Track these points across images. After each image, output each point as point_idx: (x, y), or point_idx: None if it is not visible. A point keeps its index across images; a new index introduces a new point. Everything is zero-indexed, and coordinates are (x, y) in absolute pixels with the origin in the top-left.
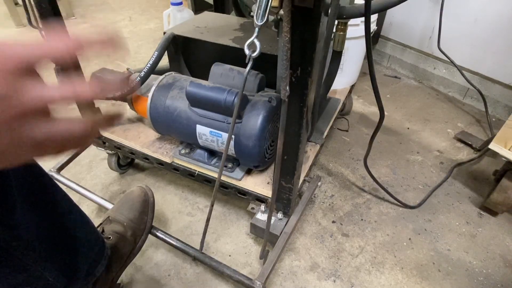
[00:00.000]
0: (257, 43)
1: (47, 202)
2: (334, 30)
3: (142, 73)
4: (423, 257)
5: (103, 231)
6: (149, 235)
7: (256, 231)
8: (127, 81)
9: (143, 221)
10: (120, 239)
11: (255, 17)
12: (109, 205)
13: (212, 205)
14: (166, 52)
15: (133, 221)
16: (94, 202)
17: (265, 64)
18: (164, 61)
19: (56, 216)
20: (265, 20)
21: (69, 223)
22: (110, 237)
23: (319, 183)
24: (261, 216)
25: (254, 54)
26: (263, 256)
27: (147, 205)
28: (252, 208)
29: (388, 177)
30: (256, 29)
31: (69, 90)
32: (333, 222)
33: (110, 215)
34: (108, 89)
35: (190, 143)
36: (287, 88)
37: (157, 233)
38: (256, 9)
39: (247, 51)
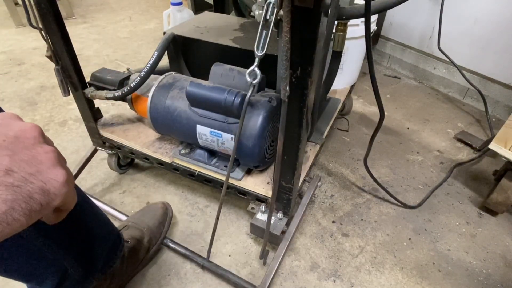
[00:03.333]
0: (258, 71)
1: None
2: (334, 30)
3: (142, 73)
4: (423, 257)
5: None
6: None
7: (256, 231)
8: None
9: (160, 231)
10: (138, 243)
11: (255, 47)
12: (108, 209)
13: (217, 218)
14: (166, 52)
15: (152, 229)
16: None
17: (265, 64)
18: (164, 61)
19: None
20: (264, 51)
21: (82, 215)
22: (128, 241)
23: (319, 183)
24: (261, 216)
25: (255, 82)
26: (263, 256)
27: (166, 218)
28: (252, 208)
29: (388, 177)
30: (257, 59)
31: None
32: (333, 222)
33: (129, 221)
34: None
35: (190, 143)
36: (287, 88)
37: (168, 243)
38: (256, 41)
39: (248, 79)
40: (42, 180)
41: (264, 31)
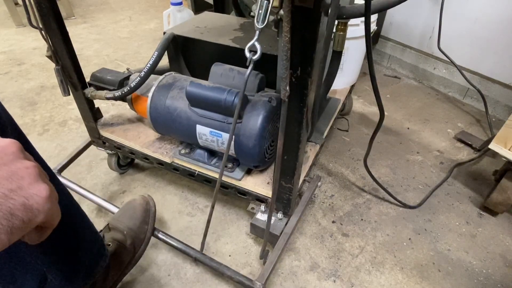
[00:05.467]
0: (258, 45)
1: None
2: (334, 30)
3: (142, 73)
4: (423, 257)
5: (103, 237)
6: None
7: (256, 231)
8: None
9: (143, 231)
10: (119, 247)
11: (255, 20)
12: (110, 206)
13: (212, 207)
14: (166, 52)
15: (133, 230)
16: (96, 204)
17: (265, 64)
18: (164, 61)
19: None
20: (265, 23)
21: (68, 219)
22: (110, 244)
23: (319, 183)
24: (261, 216)
25: (255, 57)
26: (263, 256)
27: (148, 215)
28: (252, 208)
29: (388, 177)
30: (257, 32)
31: None
32: (333, 222)
33: (110, 223)
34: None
35: (190, 143)
36: (287, 88)
37: (158, 235)
38: (257, 11)
39: (247, 54)
40: (24, 196)
41: (265, 2)
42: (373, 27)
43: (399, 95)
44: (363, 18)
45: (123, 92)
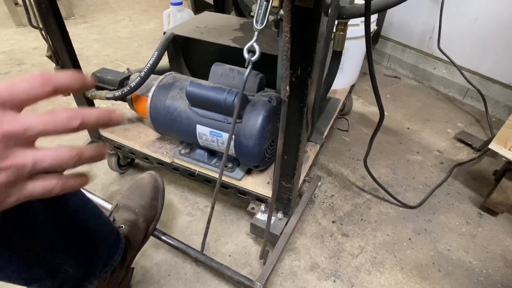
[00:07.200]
0: (257, 47)
1: (61, 197)
2: (334, 30)
3: (142, 73)
4: (423, 257)
5: (114, 220)
6: (151, 236)
7: (256, 231)
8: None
9: (154, 207)
10: (132, 227)
11: (254, 21)
12: (108, 206)
13: (212, 208)
14: (166, 52)
15: (145, 208)
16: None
17: (265, 64)
18: (164, 61)
19: (71, 209)
20: (264, 24)
21: (83, 216)
22: (122, 226)
23: (319, 183)
24: (261, 216)
25: (254, 58)
26: (263, 256)
27: (157, 192)
28: (252, 208)
29: (388, 177)
30: (256, 33)
31: (51, 122)
32: (333, 222)
33: (119, 202)
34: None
35: (190, 143)
36: (287, 88)
37: (159, 235)
38: (256, 13)
39: (246, 55)
40: None
41: (264, 3)
42: (373, 27)
43: (399, 95)
44: (363, 18)
45: (123, 92)
